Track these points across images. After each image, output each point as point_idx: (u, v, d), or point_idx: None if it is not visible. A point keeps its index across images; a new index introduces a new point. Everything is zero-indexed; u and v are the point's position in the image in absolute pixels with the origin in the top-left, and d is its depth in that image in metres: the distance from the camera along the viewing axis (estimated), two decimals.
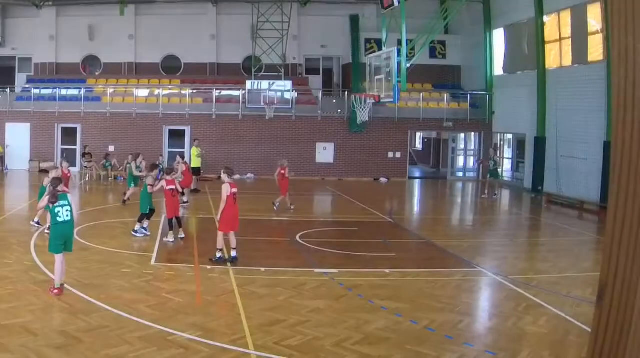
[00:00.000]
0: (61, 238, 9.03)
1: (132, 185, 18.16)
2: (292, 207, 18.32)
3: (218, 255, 11.40)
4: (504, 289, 10.44)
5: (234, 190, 11.45)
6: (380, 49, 23.71)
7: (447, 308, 9.07)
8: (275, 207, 18.19)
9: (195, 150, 23.04)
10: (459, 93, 30.87)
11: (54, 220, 9.01)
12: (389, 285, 10.36)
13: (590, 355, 3.22)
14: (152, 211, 14.04)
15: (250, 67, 29.99)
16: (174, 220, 13.57)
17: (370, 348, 7.37)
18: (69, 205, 9.05)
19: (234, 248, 11.46)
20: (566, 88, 23.20)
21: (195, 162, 22.84)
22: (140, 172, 17.96)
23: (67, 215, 9.01)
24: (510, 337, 7.97)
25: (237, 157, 28.01)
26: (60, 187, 9.23)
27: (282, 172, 18.43)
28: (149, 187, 13.84)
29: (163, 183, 13.66)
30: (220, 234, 11.49)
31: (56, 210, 8.94)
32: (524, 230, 18.21)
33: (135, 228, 13.73)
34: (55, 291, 8.93)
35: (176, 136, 28.57)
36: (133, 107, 28.23)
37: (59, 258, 9.03)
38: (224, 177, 11.65)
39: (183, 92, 29.24)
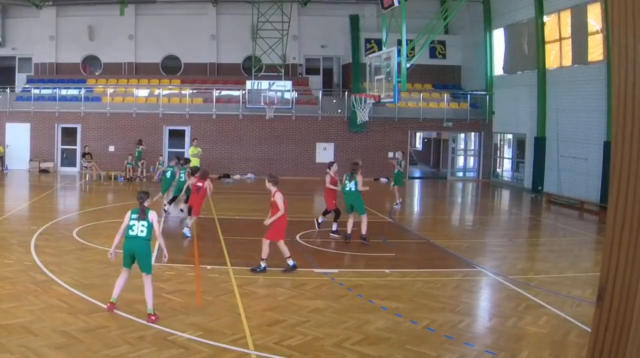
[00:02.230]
0: (127, 252, 8.38)
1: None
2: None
3: (291, 263, 10.85)
4: (504, 289, 10.44)
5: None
6: (380, 49, 23.70)
7: (447, 308, 9.07)
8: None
9: (193, 150, 23.03)
10: (459, 93, 30.87)
11: (126, 232, 8.46)
12: (389, 285, 10.36)
13: (590, 355, 3.22)
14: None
15: (250, 67, 29.99)
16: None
17: (370, 348, 7.37)
18: (148, 222, 8.36)
19: (265, 259, 10.98)
20: (566, 88, 23.20)
21: (193, 162, 22.81)
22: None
23: (142, 231, 8.32)
24: (510, 337, 7.96)
25: (237, 157, 28.02)
26: (147, 202, 8.57)
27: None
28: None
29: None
30: (282, 243, 10.86)
31: (132, 222, 8.40)
32: (524, 230, 18.20)
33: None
34: (108, 305, 8.40)
35: (176, 136, 28.57)
36: (133, 107, 28.23)
37: (124, 272, 8.54)
38: (270, 185, 10.92)
39: (183, 92, 29.25)
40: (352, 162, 14.42)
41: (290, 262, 10.91)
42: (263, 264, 10.81)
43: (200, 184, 14.21)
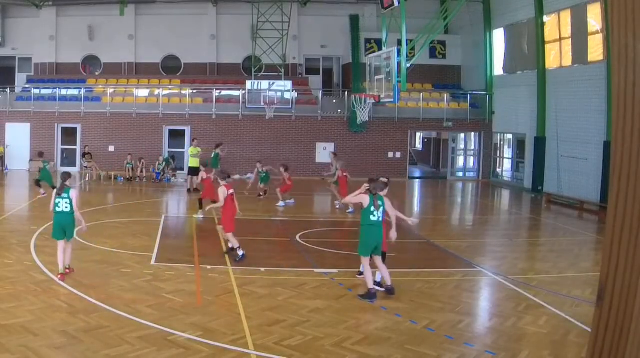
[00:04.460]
0: (58, 226, 9.86)
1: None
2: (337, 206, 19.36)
3: (240, 253, 11.54)
4: (504, 289, 10.44)
5: (231, 191, 11.79)
6: (380, 49, 23.70)
7: (447, 308, 9.07)
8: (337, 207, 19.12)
9: (193, 150, 23.03)
10: (459, 93, 30.87)
11: (54, 209, 9.89)
12: None
13: (590, 355, 3.22)
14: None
15: (250, 67, 29.99)
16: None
17: (370, 348, 7.37)
18: (70, 199, 9.83)
19: (239, 247, 11.76)
20: (566, 88, 23.20)
21: (193, 162, 22.83)
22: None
23: (67, 207, 9.80)
24: (510, 337, 7.96)
25: (237, 157, 28.00)
26: (69, 182, 10.01)
27: (345, 174, 18.33)
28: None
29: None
30: (231, 235, 11.66)
31: (57, 200, 9.83)
32: (524, 230, 18.20)
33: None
34: (59, 276, 9.75)
35: (176, 136, 28.59)
36: (133, 107, 28.23)
37: (59, 244, 9.90)
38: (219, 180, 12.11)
39: (183, 92, 29.25)
40: (373, 179, 10.01)
41: (241, 252, 11.53)
42: (240, 252, 11.52)
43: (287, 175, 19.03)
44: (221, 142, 25.07)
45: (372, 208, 9.34)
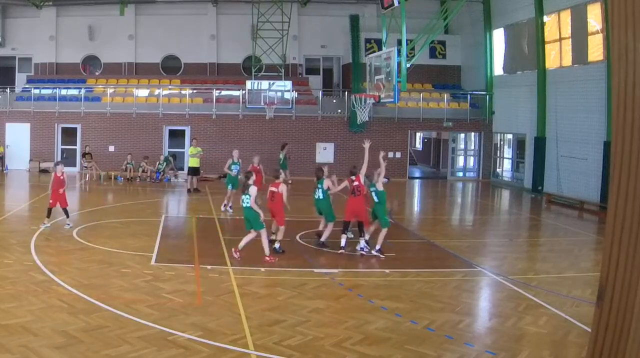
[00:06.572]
0: (245, 218, 11.59)
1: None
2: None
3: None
4: (504, 289, 10.44)
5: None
6: (380, 49, 23.68)
7: (447, 308, 9.07)
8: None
9: (192, 150, 23.03)
10: (459, 93, 30.87)
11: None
12: (389, 285, 10.36)
13: (590, 355, 3.22)
14: None
15: (250, 67, 29.99)
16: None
17: (370, 348, 7.37)
18: (249, 195, 11.42)
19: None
20: (566, 88, 23.19)
21: (193, 162, 22.83)
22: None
23: (247, 203, 11.42)
24: (510, 337, 7.97)
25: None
26: (250, 180, 11.59)
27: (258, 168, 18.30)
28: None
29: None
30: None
31: (242, 197, 11.57)
32: (524, 230, 18.20)
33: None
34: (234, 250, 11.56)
35: (176, 136, 28.59)
36: (133, 107, 28.22)
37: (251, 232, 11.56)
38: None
39: (183, 92, 29.24)
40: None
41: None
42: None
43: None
44: (286, 142, 24.83)
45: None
